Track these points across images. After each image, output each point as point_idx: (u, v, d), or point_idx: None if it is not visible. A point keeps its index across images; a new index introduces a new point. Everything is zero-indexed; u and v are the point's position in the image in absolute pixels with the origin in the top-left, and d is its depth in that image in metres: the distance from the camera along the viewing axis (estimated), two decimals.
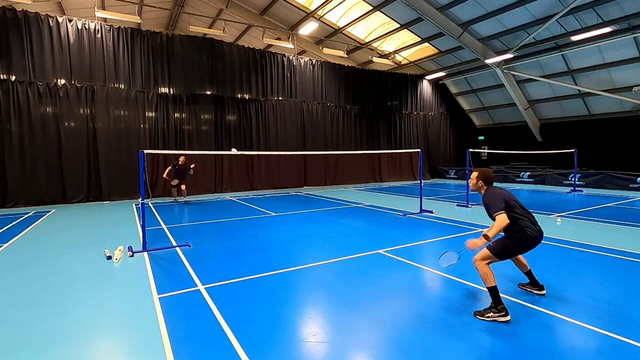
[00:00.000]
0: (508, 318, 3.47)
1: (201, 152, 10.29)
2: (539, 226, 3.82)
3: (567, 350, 3.03)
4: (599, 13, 13.49)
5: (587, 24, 14.11)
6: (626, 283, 4.46)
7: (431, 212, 9.76)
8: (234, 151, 9.38)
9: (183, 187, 12.01)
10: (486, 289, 3.66)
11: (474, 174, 4.03)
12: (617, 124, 16.94)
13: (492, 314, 3.52)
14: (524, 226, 3.73)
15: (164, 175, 12.34)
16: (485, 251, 3.79)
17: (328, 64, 18.84)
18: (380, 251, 6.00)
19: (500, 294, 3.63)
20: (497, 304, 3.52)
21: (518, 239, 3.75)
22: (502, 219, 3.57)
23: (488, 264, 3.74)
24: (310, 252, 6.15)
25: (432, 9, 15.31)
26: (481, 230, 7.56)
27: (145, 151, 6.42)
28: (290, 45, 17.29)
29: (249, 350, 3.04)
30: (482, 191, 3.99)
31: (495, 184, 4.05)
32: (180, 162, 12.12)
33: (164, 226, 8.34)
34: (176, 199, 12.77)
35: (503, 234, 3.81)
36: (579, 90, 17.21)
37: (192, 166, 12.11)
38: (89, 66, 12.89)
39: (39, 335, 3.36)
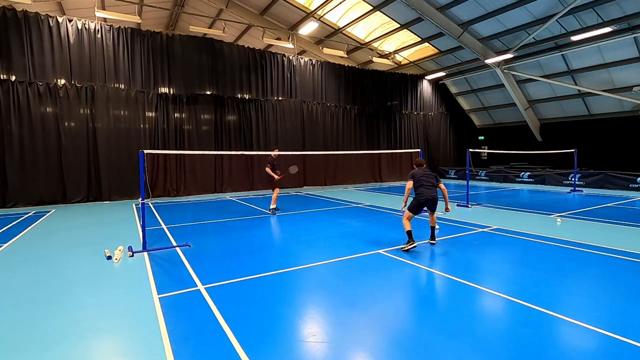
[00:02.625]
0: (415, 244, 5.99)
1: (201, 152, 10.30)
2: (431, 194, 6.28)
3: (567, 350, 3.03)
4: (599, 13, 13.49)
5: (587, 24, 14.11)
6: (626, 283, 4.46)
7: None
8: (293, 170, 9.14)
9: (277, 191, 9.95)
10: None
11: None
12: (617, 124, 16.93)
13: (406, 245, 5.98)
14: (418, 193, 6.24)
15: (278, 177, 9.83)
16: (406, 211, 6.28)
17: (328, 64, 18.84)
18: (380, 251, 6.00)
19: (502, 295, 3.61)
20: (409, 239, 6.01)
21: (417, 200, 6.22)
22: (407, 185, 6.40)
23: (408, 218, 6.24)
24: (310, 252, 6.15)
25: (432, 9, 15.31)
26: (481, 230, 7.57)
27: (145, 151, 6.41)
28: (290, 45, 17.28)
29: (249, 350, 3.04)
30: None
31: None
32: (274, 156, 9.95)
33: (164, 226, 8.34)
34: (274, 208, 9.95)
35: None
36: (579, 90, 17.21)
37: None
38: (89, 66, 12.89)
39: (39, 335, 3.36)
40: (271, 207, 9.86)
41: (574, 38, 14.39)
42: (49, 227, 8.45)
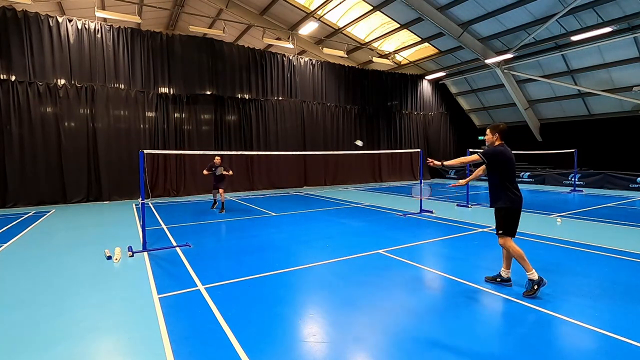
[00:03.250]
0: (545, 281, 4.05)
1: (201, 152, 10.30)
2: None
3: (567, 350, 3.03)
4: (599, 13, 13.49)
5: (587, 24, 14.11)
6: (626, 283, 4.46)
7: (431, 212, 9.76)
8: (359, 143, 9.27)
9: (221, 191, 10.35)
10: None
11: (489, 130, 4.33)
12: (617, 124, 16.93)
13: (534, 289, 4.02)
14: (514, 190, 4.14)
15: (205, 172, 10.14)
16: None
17: (328, 64, 18.84)
18: (380, 251, 6.00)
19: (502, 295, 3.62)
20: (532, 275, 4.06)
21: (513, 205, 4.11)
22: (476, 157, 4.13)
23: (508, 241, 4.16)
24: (310, 252, 6.15)
25: (432, 9, 15.31)
26: (481, 230, 7.56)
27: (145, 151, 6.42)
28: (290, 45, 17.28)
29: (249, 350, 3.04)
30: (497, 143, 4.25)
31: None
32: (216, 163, 10.12)
33: (164, 226, 8.34)
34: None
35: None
36: (579, 90, 17.21)
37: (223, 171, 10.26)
38: (89, 66, 12.89)
39: (39, 335, 3.36)
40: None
41: (574, 38, 14.39)
42: (49, 227, 8.45)
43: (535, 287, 3.98)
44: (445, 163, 4.03)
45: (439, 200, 12.58)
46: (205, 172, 10.16)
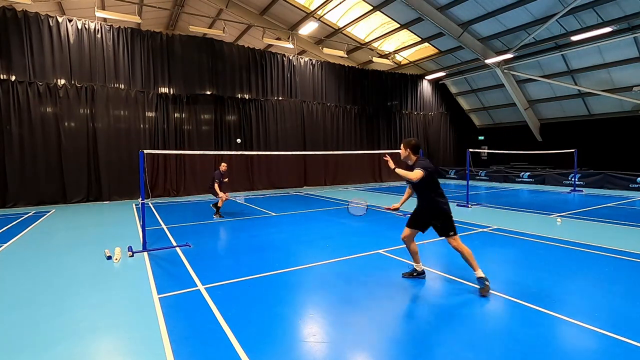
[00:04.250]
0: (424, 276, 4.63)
1: (201, 152, 10.31)
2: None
3: (567, 350, 3.03)
4: (599, 13, 13.49)
5: (587, 24, 14.11)
6: (626, 283, 4.46)
7: None
8: (239, 141, 8.99)
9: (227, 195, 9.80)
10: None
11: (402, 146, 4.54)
12: (617, 124, 16.93)
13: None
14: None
15: (223, 195, 9.41)
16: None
17: (328, 64, 18.84)
18: (380, 251, 6.00)
19: (502, 295, 3.62)
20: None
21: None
22: (418, 173, 4.12)
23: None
24: (310, 252, 6.15)
25: (432, 9, 15.31)
26: (481, 230, 7.56)
27: (145, 151, 6.42)
28: (290, 45, 17.28)
29: (249, 350, 3.04)
30: (412, 160, 4.45)
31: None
32: (222, 170, 9.69)
33: (164, 226, 8.34)
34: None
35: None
36: (579, 90, 17.21)
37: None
38: (89, 66, 12.89)
39: (39, 335, 3.36)
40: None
41: (574, 38, 14.39)
42: (49, 227, 8.45)
43: (487, 282, 4.11)
44: (397, 170, 4.10)
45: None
46: (217, 185, 9.22)
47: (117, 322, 3.61)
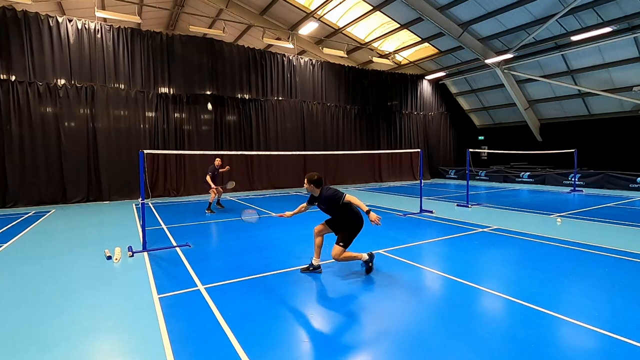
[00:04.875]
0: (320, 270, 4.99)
1: (201, 152, 10.31)
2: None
3: (567, 350, 3.03)
4: (599, 13, 13.49)
5: (587, 24, 14.11)
6: (626, 283, 4.46)
7: (431, 212, 9.76)
8: (209, 106, 9.17)
9: (220, 188, 10.54)
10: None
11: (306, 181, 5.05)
12: (617, 124, 16.93)
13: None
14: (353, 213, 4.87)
15: (214, 188, 10.17)
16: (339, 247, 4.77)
17: (328, 64, 18.84)
18: (380, 251, 6.00)
19: (502, 295, 3.61)
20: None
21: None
22: (351, 196, 4.68)
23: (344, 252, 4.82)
24: (311, 252, 6.12)
25: (432, 9, 15.31)
26: (481, 230, 7.56)
27: (145, 151, 6.42)
28: (290, 45, 17.29)
29: (249, 350, 3.04)
30: (316, 192, 4.97)
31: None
32: (217, 165, 10.35)
33: (164, 226, 8.34)
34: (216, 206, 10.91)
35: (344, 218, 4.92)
36: (579, 90, 17.21)
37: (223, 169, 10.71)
38: (89, 66, 12.89)
39: (39, 335, 3.36)
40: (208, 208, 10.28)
41: (574, 38, 14.39)
42: (49, 227, 8.45)
43: (370, 264, 4.91)
44: (365, 209, 4.52)
45: (439, 200, 12.59)
46: (209, 177, 9.91)
47: (117, 322, 3.61)
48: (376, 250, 6.03)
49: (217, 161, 10.36)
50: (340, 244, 4.72)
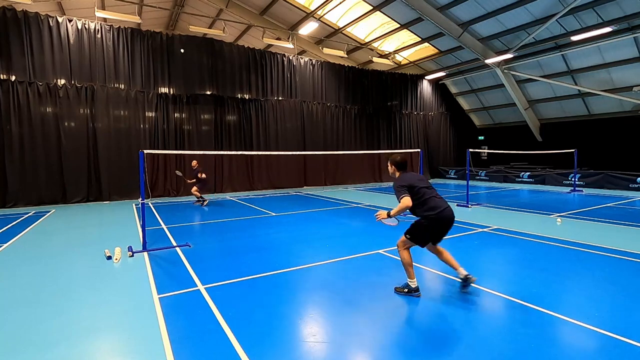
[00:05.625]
0: (418, 294, 4.10)
1: (201, 152, 10.31)
2: (445, 210, 3.99)
3: (567, 350, 3.03)
4: (599, 13, 13.49)
5: (587, 24, 14.11)
6: (626, 283, 4.46)
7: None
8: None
9: (194, 189, 11.67)
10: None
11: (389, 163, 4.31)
12: (617, 124, 16.93)
13: (405, 289, 4.16)
14: (430, 207, 3.95)
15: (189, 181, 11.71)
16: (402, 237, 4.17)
17: (328, 64, 18.84)
18: (380, 251, 6.00)
19: (502, 295, 3.62)
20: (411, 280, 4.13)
21: (431, 220, 3.97)
22: (406, 201, 3.79)
23: (407, 247, 4.13)
24: (310, 252, 6.14)
25: (432, 9, 15.31)
26: (481, 230, 7.56)
27: (145, 151, 6.42)
28: (290, 45, 17.29)
29: (249, 350, 3.04)
30: (396, 175, 4.24)
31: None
32: (193, 166, 11.87)
33: (164, 226, 8.34)
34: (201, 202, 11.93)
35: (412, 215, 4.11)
36: (579, 90, 17.21)
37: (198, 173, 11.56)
38: (89, 66, 12.89)
39: (38, 335, 3.36)
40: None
41: (574, 38, 14.39)
42: (49, 227, 8.45)
43: (406, 290, 4.15)
44: (392, 214, 3.85)
45: None
46: (190, 181, 11.68)
47: (117, 322, 3.61)
48: (376, 251, 6.04)
49: (194, 163, 11.98)
50: (407, 235, 4.09)
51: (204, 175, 11.48)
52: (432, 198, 3.99)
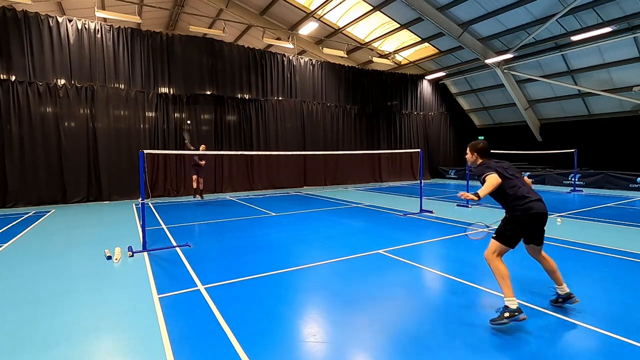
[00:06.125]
0: (524, 316, 3.22)
1: (201, 152, 10.30)
2: (537, 201, 3.52)
3: (567, 350, 3.03)
4: (599, 13, 13.49)
5: (587, 24, 14.11)
6: (626, 283, 4.46)
7: (431, 212, 9.76)
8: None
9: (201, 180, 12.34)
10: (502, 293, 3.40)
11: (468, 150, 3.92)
12: (617, 124, 16.93)
13: (507, 316, 3.23)
14: (519, 198, 3.48)
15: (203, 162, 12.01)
16: (491, 241, 3.55)
17: (328, 64, 18.84)
18: (380, 251, 6.00)
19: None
20: (510, 301, 3.30)
21: (521, 215, 3.46)
22: (493, 178, 3.36)
23: (500, 254, 3.45)
24: (310, 252, 6.14)
25: (432, 9, 15.31)
26: (481, 230, 7.55)
27: (145, 151, 6.42)
28: (290, 45, 17.28)
29: (249, 350, 3.04)
30: (478, 163, 3.83)
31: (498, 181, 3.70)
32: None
33: (164, 226, 8.34)
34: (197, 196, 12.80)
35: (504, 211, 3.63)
36: (579, 90, 17.21)
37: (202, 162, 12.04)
38: (89, 66, 12.89)
39: (38, 335, 3.36)
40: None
41: (574, 38, 14.39)
42: (49, 227, 8.45)
43: (507, 315, 3.24)
44: (481, 194, 3.37)
45: (438, 200, 12.59)
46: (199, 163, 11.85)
47: (117, 322, 3.61)
48: (376, 251, 6.04)
49: (202, 147, 12.32)
50: (494, 235, 3.56)
51: (203, 162, 11.87)
52: (523, 187, 3.54)
